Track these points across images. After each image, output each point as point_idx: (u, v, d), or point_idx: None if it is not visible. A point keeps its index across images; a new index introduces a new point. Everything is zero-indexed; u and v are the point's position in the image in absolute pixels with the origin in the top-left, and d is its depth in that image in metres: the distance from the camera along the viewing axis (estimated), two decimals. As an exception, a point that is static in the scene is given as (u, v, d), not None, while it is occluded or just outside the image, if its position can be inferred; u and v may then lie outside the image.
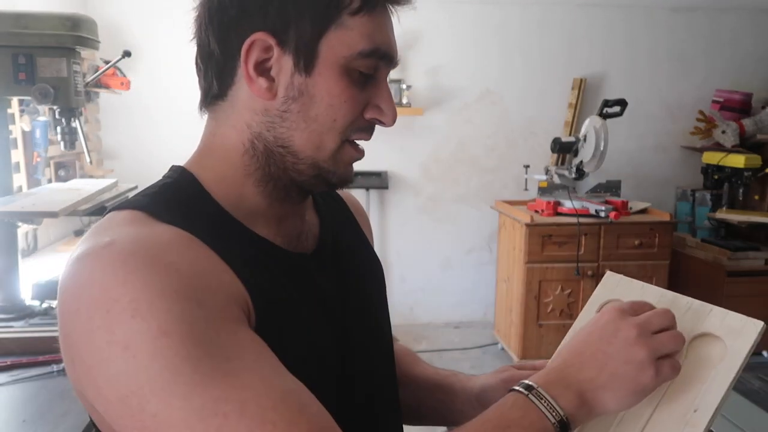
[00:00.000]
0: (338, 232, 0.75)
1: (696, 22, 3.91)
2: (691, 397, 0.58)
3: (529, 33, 3.81)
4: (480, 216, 3.92)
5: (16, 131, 2.42)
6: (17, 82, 1.55)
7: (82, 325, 0.49)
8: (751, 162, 3.50)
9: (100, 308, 0.48)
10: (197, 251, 0.54)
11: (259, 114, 0.61)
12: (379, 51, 0.60)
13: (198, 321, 0.49)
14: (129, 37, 3.40)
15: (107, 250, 0.51)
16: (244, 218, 0.62)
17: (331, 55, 0.58)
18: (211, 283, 0.52)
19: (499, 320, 3.66)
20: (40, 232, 2.56)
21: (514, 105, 3.87)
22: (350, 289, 0.71)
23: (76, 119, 1.69)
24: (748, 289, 3.40)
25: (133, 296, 0.48)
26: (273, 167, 0.62)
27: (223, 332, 0.50)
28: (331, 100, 0.59)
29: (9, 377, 1.27)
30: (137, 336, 0.47)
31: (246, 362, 0.49)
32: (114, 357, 0.47)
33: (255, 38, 0.58)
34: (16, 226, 1.63)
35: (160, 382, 0.47)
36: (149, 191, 0.61)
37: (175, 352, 0.47)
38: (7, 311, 1.57)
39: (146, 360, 0.47)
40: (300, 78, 0.59)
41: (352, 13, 0.58)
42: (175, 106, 3.51)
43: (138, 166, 3.45)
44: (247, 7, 0.58)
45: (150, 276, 0.49)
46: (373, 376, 0.71)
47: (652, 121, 3.97)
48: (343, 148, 0.62)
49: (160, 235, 0.53)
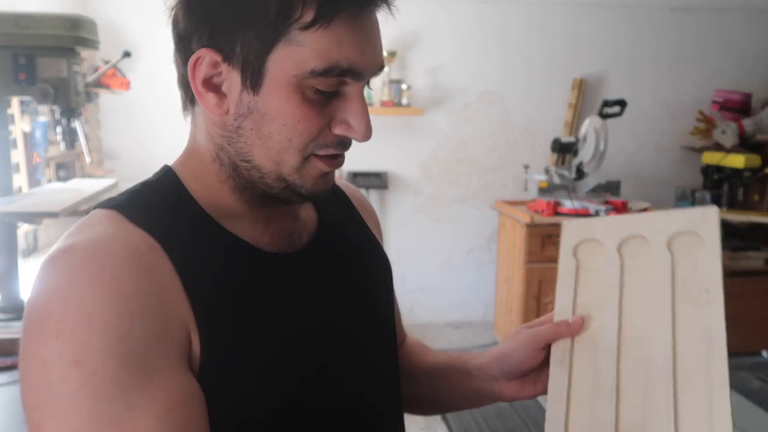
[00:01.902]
0: (338, 228, 0.73)
1: (696, 22, 3.91)
2: (700, 279, 0.62)
3: (529, 33, 3.81)
4: (480, 216, 3.92)
5: (16, 131, 2.42)
6: (17, 82, 1.55)
7: (24, 329, 0.52)
8: (750, 162, 3.50)
9: (36, 320, 0.51)
10: (152, 265, 0.53)
11: (218, 127, 0.59)
12: (338, 68, 0.54)
13: (115, 356, 0.48)
14: (129, 37, 3.40)
15: (63, 256, 0.52)
16: (224, 219, 0.61)
17: (279, 73, 0.54)
18: (149, 308, 0.51)
19: (499, 320, 3.66)
20: (40, 232, 2.56)
21: (514, 105, 3.87)
22: (346, 285, 0.69)
23: (76, 119, 1.69)
24: (748, 289, 3.40)
25: (63, 317, 0.49)
26: (242, 179, 0.60)
27: (137, 373, 0.49)
28: (284, 119, 0.56)
29: (9, 377, 1.28)
30: (54, 357, 0.48)
31: (146, 416, 0.48)
32: (33, 368, 0.50)
33: (200, 54, 0.56)
34: (16, 226, 1.63)
35: (61, 408, 0.48)
36: (131, 189, 0.61)
37: (80, 385, 0.48)
38: (7, 311, 1.58)
39: (56, 382, 0.48)
40: (248, 96, 0.56)
41: (303, 27, 0.53)
42: (175, 106, 3.49)
43: (138, 166, 3.45)
44: (195, 21, 0.56)
45: (86, 295, 0.49)
46: (370, 373, 0.69)
47: (652, 121, 3.97)
48: (308, 163, 0.58)
49: (121, 240, 0.53)
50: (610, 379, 0.62)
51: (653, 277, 0.66)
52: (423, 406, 0.86)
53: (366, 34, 0.56)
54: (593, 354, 0.65)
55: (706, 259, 0.63)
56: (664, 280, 0.65)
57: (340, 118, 0.58)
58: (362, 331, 0.69)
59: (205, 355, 0.54)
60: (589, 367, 0.65)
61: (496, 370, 0.74)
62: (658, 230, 0.67)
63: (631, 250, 0.69)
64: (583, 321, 0.67)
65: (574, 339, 0.67)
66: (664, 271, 0.65)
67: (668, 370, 0.59)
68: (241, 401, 0.56)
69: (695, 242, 0.65)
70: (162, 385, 0.50)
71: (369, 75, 0.58)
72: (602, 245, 0.71)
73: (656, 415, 0.57)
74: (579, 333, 0.67)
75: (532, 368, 0.71)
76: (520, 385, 0.74)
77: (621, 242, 0.70)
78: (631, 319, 0.65)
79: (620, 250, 0.70)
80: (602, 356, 0.64)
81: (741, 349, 3.43)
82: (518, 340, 0.72)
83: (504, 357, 0.73)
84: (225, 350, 0.55)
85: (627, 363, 0.63)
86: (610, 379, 0.62)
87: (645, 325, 0.64)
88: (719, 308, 0.60)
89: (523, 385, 0.74)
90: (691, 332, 0.61)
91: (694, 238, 0.65)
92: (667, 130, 4.00)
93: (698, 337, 0.60)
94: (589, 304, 0.69)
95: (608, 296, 0.68)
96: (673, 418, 0.56)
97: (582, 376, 0.65)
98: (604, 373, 0.63)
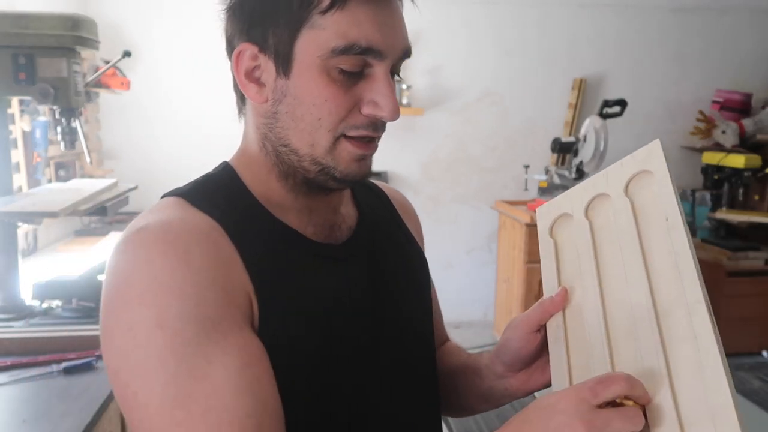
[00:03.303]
0: (377, 226, 0.76)
1: (696, 22, 3.91)
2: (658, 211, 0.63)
3: (529, 33, 3.81)
4: (480, 216, 3.92)
5: (16, 131, 2.42)
6: (17, 82, 1.55)
7: (106, 301, 0.57)
8: (751, 162, 3.50)
9: (118, 290, 0.56)
10: (216, 242, 0.59)
11: (261, 117, 0.65)
12: (357, 46, 0.59)
13: (192, 320, 0.54)
14: (129, 37, 3.40)
15: (138, 235, 0.58)
16: (274, 209, 0.66)
17: (305, 56, 0.60)
18: (218, 278, 0.57)
19: (499, 320, 3.66)
20: (40, 232, 2.56)
21: (514, 105, 3.87)
22: (382, 281, 0.72)
23: (76, 119, 1.69)
24: (748, 289, 3.40)
25: (144, 286, 0.55)
26: (284, 165, 0.66)
27: (213, 334, 0.54)
28: (313, 99, 0.61)
29: (9, 377, 1.27)
30: (139, 322, 0.54)
31: (225, 370, 0.54)
32: (119, 334, 0.55)
33: (240, 48, 0.63)
34: (16, 226, 1.63)
35: (147, 367, 0.53)
36: (194, 181, 0.68)
37: (164, 345, 0.53)
38: (7, 311, 1.57)
39: (141, 344, 0.53)
40: (282, 81, 0.62)
41: (323, 12, 0.59)
42: (175, 106, 3.51)
43: (138, 166, 3.45)
44: (236, 22, 0.63)
45: (162, 267, 0.55)
46: (401, 368, 0.71)
47: (652, 121, 3.97)
48: (339, 144, 0.63)
49: (188, 221, 0.59)
50: (601, 337, 0.62)
51: (619, 226, 0.67)
52: (450, 407, 0.87)
53: (383, 16, 0.60)
54: (582, 320, 0.65)
55: (660, 190, 0.64)
56: (628, 225, 0.66)
57: (367, 99, 0.62)
58: (394, 324, 0.72)
59: (261, 324, 0.59)
60: (581, 334, 0.65)
61: (499, 364, 0.75)
62: (614, 181, 0.69)
63: (597, 210, 0.71)
64: (567, 292, 0.68)
65: (565, 313, 0.68)
66: (626, 216, 0.66)
67: (649, 309, 0.59)
68: (286, 369, 0.60)
69: (648, 179, 0.66)
70: (236, 344, 0.55)
71: (392, 56, 0.61)
72: (572, 216, 0.73)
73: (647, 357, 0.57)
74: (567, 305, 0.68)
75: (531, 353, 0.71)
76: (528, 376, 0.74)
77: (587, 207, 0.71)
78: (608, 274, 0.66)
79: (587, 215, 0.71)
80: (590, 319, 0.64)
81: (741, 349, 3.44)
82: (511, 329, 0.73)
83: (502, 349, 0.74)
84: (278, 321, 0.60)
85: (613, 316, 0.63)
86: (601, 337, 0.62)
87: (621, 275, 0.64)
88: (681, 232, 0.60)
89: (531, 375, 0.74)
90: (661, 265, 0.61)
91: (647, 176, 0.66)
92: (667, 130, 4.00)
93: (668, 268, 0.60)
94: (570, 277, 0.70)
95: (584, 261, 0.69)
96: (663, 354, 0.56)
97: (577, 344, 0.65)
98: (594, 333, 0.63)
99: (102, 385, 1.25)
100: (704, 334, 0.53)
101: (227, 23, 0.65)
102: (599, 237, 0.69)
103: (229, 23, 0.64)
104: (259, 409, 0.54)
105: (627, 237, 0.65)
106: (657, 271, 0.61)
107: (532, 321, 0.70)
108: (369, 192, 0.82)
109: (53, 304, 1.64)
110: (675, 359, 0.55)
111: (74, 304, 1.59)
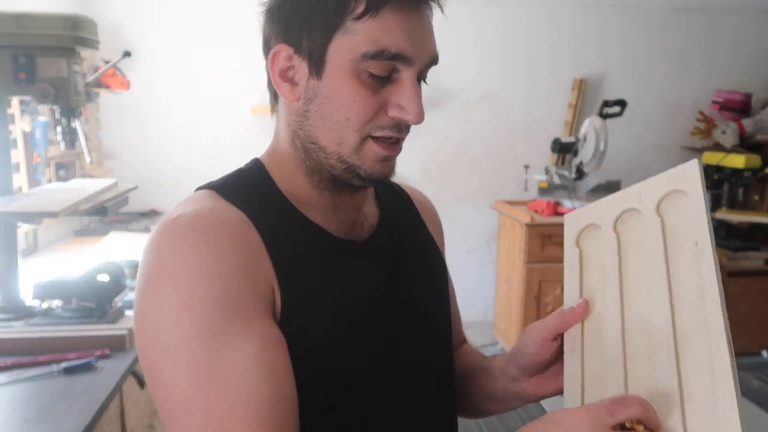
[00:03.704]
0: (398, 226, 0.79)
1: (696, 22, 3.91)
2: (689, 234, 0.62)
3: (529, 33, 3.81)
4: (480, 216, 3.92)
5: (16, 131, 2.42)
6: (17, 82, 1.55)
7: (140, 283, 0.61)
8: (751, 162, 3.50)
9: (152, 273, 0.60)
10: (244, 234, 0.63)
11: (292, 114, 0.68)
12: (387, 52, 0.62)
13: (217, 304, 0.58)
14: (129, 37, 3.39)
15: (172, 224, 0.62)
16: (300, 205, 0.70)
17: (337, 58, 0.63)
18: (243, 268, 0.60)
19: (499, 320, 3.66)
20: (40, 232, 2.56)
21: (514, 105, 3.87)
22: (400, 279, 0.74)
23: (76, 119, 1.69)
24: (748, 289, 3.40)
25: (176, 269, 0.58)
26: (311, 162, 0.69)
27: (236, 320, 0.58)
28: (342, 100, 0.64)
29: (9, 377, 1.27)
30: (169, 303, 0.58)
31: (244, 354, 0.57)
32: (150, 314, 0.59)
33: (277, 49, 0.66)
34: (16, 226, 1.63)
35: (174, 346, 0.57)
36: (226, 175, 0.72)
37: (191, 326, 0.57)
38: (7, 311, 1.58)
39: (170, 323, 0.57)
40: (314, 81, 0.65)
41: (356, 18, 0.62)
42: (175, 106, 3.51)
43: (138, 166, 3.45)
44: (274, 24, 0.67)
45: (193, 255, 0.59)
46: (418, 365, 0.73)
47: (652, 121, 3.97)
48: (365, 144, 0.66)
49: (219, 213, 0.63)
50: (618, 354, 0.62)
51: (647, 244, 0.66)
52: (463, 409, 0.87)
53: (413, 24, 0.63)
54: (600, 334, 0.65)
55: (692, 213, 0.63)
56: (657, 244, 0.65)
57: (393, 102, 0.65)
58: (410, 323, 0.73)
59: (282, 314, 0.63)
60: (597, 347, 0.65)
61: (513, 368, 0.76)
62: (647, 198, 0.68)
63: (627, 224, 0.70)
64: (588, 304, 0.68)
65: (584, 324, 0.67)
66: (656, 235, 0.65)
67: (669, 332, 0.59)
68: (305, 360, 0.63)
69: (682, 199, 0.65)
70: (256, 330, 0.59)
71: (419, 62, 0.65)
72: (600, 228, 0.72)
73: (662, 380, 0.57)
74: (587, 317, 0.68)
75: (546, 360, 0.72)
76: (542, 381, 0.75)
77: (616, 220, 0.70)
78: (632, 291, 0.65)
79: (616, 229, 0.70)
80: (608, 334, 0.64)
81: (741, 349, 3.44)
82: (529, 334, 0.73)
83: (518, 353, 0.75)
84: (298, 313, 0.63)
85: (631, 335, 0.62)
86: (618, 354, 0.62)
87: (644, 293, 0.63)
88: (709, 258, 0.59)
89: (544, 381, 0.75)
90: (686, 289, 0.60)
91: (680, 196, 0.65)
92: (667, 130, 4.00)
93: (693, 293, 0.59)
94: (593, 288, 0.69)
95: (609, 275, 0.68)
96: (678, 379, 0.55)
97: (592, 357, 0.64)
98: (611, 349, 0.63)
99: (102, 385, 1.26)
100: (722, 365, 0.53)
101: (265, 24, 0.68)
102: (626, 252, 0.68)
103: (267, 25, 0.68)
104: (275, 394, 0.57)
105: (654, 256, 0.64)
106: (681, 295, 0.60)
107: (550, 329, 0.70)
108: (392, 192, 0.84)
109: (53, 304, 1.64)
110: (689, 386, 0.55)
111: (74, 304, 1.59)
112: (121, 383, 1.32)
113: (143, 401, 1.72)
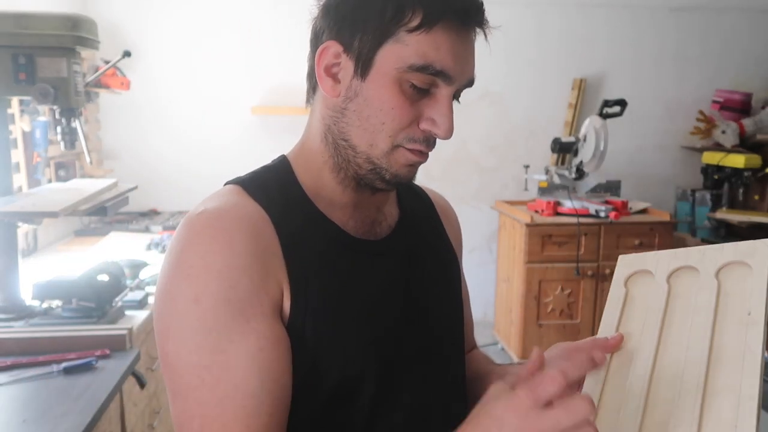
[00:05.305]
0: (417, 228, 0.81)
1: (696, 22, 3.91)
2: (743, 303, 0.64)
3: (529, 33, 3.81)
4: (480, 216, 3.92)
5: (16, 131, 2.42)
6: (17, 82, 1.55)
7: (162, 272, 0.65)
8: (751, 162, 3.50)
9: (173, 264, 0.64)
10: (261, 232, 0.65)
11: (329, 109, 0.70)
12: (432, 68, 0.64)
13: (224, 301, 0.61)
14: (129, 37, 3.40)
15: (197, 218, 0.65)
16: (321, 203, 0.72)
17: (385, 64, 0.65)
18: (254, 266, 0.63)
19: (499, 320, 3.66)
20: (40, 232, 2.56)
21: (514, 105, 3.87)
22: (414, 280, 0.75)
23: (76, 119, 1.69)
24: (748, 289, 3.39)
25: (191, 264, 0.62)
26: (339, 158, 0.70)
27: (239, 316, 0.61)
28: (381, 104, 0.66)
29: (9, 377, 1.28)
30: (182, 293, 0.62)
31: (242, 350, 0.61)
32: (165, 302, 0.63)
33: (326, 45, 0.68)
34: (16, 226, 1.63)
35: (181, 334, 0.62)
36: (253, 171, 0.74)
37: (197, 318, 0.61)
38: (7, 311, 1.58)
39: (180, 313, 0.62)
40: (357, 82, 0.67)
41: (410, 30, 0.64)
42: (176, 105, 3.51)
43: (138, 166, 3.45)
44: (329, 20, 0.68)
45: (209, 250, 0.62)
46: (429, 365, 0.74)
47: (652, 121, 3.97)
48: (396, 151, 0.68)
49: (241, 208, 0.66)
50: (640, 392, 0.62)
51: (698, 301, 0.66)
52: None
53: (460, 45, 0.66)
54: (628, 369, 0.66)
55: (752, 286, 0.64)
56: (708, 303, 0.65)
57: (427, 115, 0.68)
58: (426, 323, 0.74)
59: (292, 314, 0.65)
60: (621, 381, 0.65)
61: None
62: (709, 261, 0.69)
63: (680, 279, 0.70)
64: (623, 338, 0.68)
65: (613, 356, 0.68)
66: (709, 295, 0.66)
67: (700, 384, 0.59)
68: (312, 361, 0.65)
69: (744, 271, 0.66)
70: (256, 329, 0.62)
71: (459, 82, 0.68)
72: (653, 275, 0.72)
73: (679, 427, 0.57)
74: (618, 351, 0.68)
75: None
76: None
77: (671, 272, 0.71)
78: (671, 339, 0.66)
79: (669, 280, 0.71)
80: (636, 371, 0.65)
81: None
82: (557, 350, 0.73)
83: None
84: (307, 312, 0.65)
85: (659, 380, 0.63)
86: (640, 392, 0.62)
87: (683, 346, 0.64)
88: (759, 332, 0.61)
89: None
90: (728, 352, 0.61)
91: (743, 268, 0.66)
92: (667, 130, 4.00)
93: (734, 357, 0.60)
94: (631, 327, 0.70)
95: (651, 319, 0.68)
96: (697, 428, 0.56)
97: (613, 388, 0.65)
98: (635, 386, 0.63)
99: (102, 385, 1.26)
100: (747, 427, 0.54)
101: (319, 18, 0.69)
102: (674, 304, 0.69)
103: (321, 19, 0.69)
104: (263, 393, 0.61)
105: (703, 313, 0.65)
106: (721, 355, 0.61)
107: (581, 347, 0.70)
108: (413, 194, 0.87)
109: (53, 304, 1.64)
110: None
111: (74, 304, 1.59)
112: (121, 383, 1.32)
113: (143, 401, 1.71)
